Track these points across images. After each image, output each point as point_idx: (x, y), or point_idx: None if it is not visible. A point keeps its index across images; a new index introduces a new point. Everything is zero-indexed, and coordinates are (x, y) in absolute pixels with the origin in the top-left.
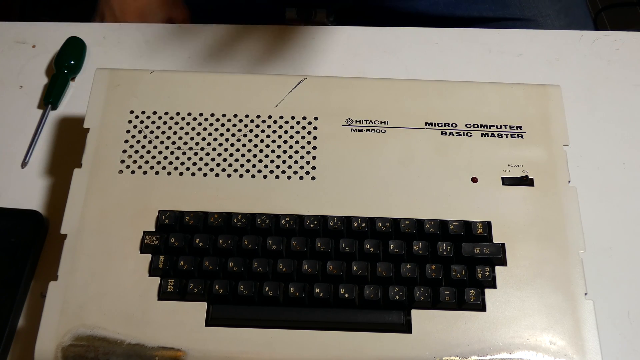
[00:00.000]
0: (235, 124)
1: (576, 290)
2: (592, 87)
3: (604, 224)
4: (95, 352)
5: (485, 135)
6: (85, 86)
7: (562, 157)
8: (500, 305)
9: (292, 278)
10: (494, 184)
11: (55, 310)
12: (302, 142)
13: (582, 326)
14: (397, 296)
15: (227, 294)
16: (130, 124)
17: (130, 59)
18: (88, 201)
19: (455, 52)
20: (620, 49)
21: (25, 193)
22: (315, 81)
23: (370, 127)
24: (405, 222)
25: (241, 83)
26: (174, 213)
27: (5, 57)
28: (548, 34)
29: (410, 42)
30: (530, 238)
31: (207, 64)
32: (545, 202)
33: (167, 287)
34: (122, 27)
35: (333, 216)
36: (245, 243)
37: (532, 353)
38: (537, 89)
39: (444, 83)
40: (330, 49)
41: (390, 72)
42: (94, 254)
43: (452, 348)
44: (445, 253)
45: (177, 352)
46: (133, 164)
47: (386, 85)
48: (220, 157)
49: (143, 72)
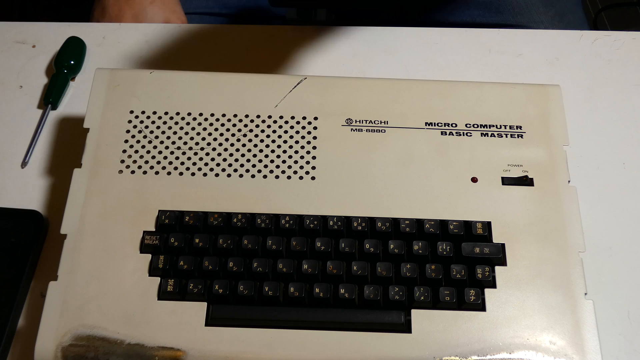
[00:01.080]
0: (235, 124)
1: (576, 290)
2: (592, 87)
3: (604, 224)
4: (95, 352)
5: (485, 135)
6: (85, 86)
7: (562, 157)
8: (500, 305)
9: (292, 278)
10: (493, 184)
11: (55, 310)
12: (302, 142)
13: (582, 326)
14: (397, 296)
15: (227, 294)
16: (130, 124)
17: (130, 59)
18: (88, 201)
19: (455, 52)
20: (620, 49)
21: (25, 193)
22: (315, 81)
23: (370, 127)
24: (405, 222)
25: (241, 83)
26: (174, 213)
27: (5, 57)
28: (548, 34)
29: (410, 42)
30: (530, 238)
31: (207, 64)
32: (545, 202)
33: (167, 287)
34: (122, 27)
35: (333, 216)
36: (245, 243)
37: (532, 353)
38: (537, 89)
39: (444, 83)
40: (330, 49)
41: (390, 72)
42: (94, 254)
43: (452, 348)
44: (445, 253)
45: (177, 352)
46: (133, 164)
47: (386, 85)
48: (220, 157)
49: (143, 72)
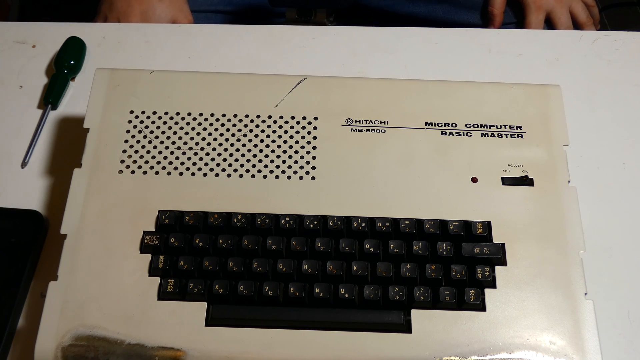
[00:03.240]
0: (235, 124)
1: (576, 290)
2: (592, 87)
3: (604, 224)
4: (95, 352)
5: (485, 135)
6: (85, 86)
7: (562, 157)
8: (500, 305)
9: (292, 278)
10: (494, 184)
11: (55, 310)
12: (302, 142)
13: (582, 326)
14: (397, 296)
15: (227, 294)
16: (130, 124)
17: (130, 59)
18: (88, 201)
19: (455, 52)
20: (620, 49)
21: (25, 193)
22: (315, 81)
23: (370, 127)
24: (405, 222)
25: (241, 83)
26: (174, 213)
27: (5, 57)
28: (548, 34)
29: (410, 42)
30: (530, 238)
31: (207, 64)
32: (545, 202)
33: (167, 287)
34: (122, 27)
35: (333, 216)
36: (245, 243)
37: (532, 353)
38: (537, 89)
39: (444, 83)
40: (330, 49)
41: (390, 72)
42: (94, 254)
43: (452, 348)
44: (445, 253)
45: (177, 352)
46: (133, 164)
47: (386, 85)
48: (220, 157)
49: (143, 72)
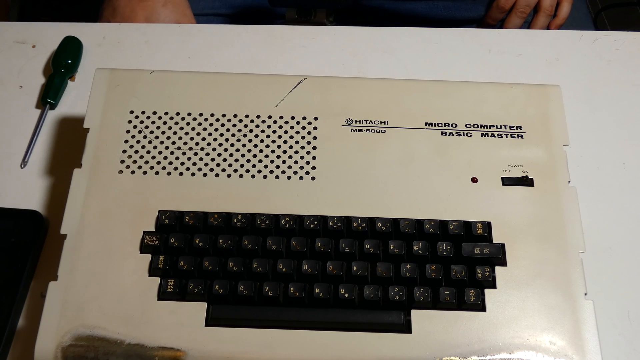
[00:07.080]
0: (235, 124)
1: (576, 290)
2: (592, 87)
3: (604, 224)
4: (95, 352)
5: (485, 136)
6: (85, 86)
7: (562, 157)
8: (500, 305)
9: (292, 278)
10: (493, 184)
11: (55, 310)
12: (302, 142)
13: (582, 326)
14: (397, 296)
15: (227, 294)
16: (130, 124)
17: (130, 59)
18: (88, 201)
19: (455, 52)
20: (620, 49)
21: (25, 193)
22: (315, 81)
23: (370, 127)
24: (405, 222)
25: (241, 83)
26: (174, 213)
27: (5, 57)
28: (548, 34)
29: (410, 42)
30: (530, 238)
31: (207, 64)
32: (545, 202)
33: (167, 287)
34: (122, 27)
35: (333, 216)
36: (245, 243)
37: (532, 353)
38: (537, 89)
39: (444, 83)
40: (330, 49)
41: (390, 72)
42: (94, 254)
43: (452, 348)
44: (445, 253)
45: (177, 352)
46: (133, 164)
47: (386, 85)
48: (220, 157)
49: (143, 72)
